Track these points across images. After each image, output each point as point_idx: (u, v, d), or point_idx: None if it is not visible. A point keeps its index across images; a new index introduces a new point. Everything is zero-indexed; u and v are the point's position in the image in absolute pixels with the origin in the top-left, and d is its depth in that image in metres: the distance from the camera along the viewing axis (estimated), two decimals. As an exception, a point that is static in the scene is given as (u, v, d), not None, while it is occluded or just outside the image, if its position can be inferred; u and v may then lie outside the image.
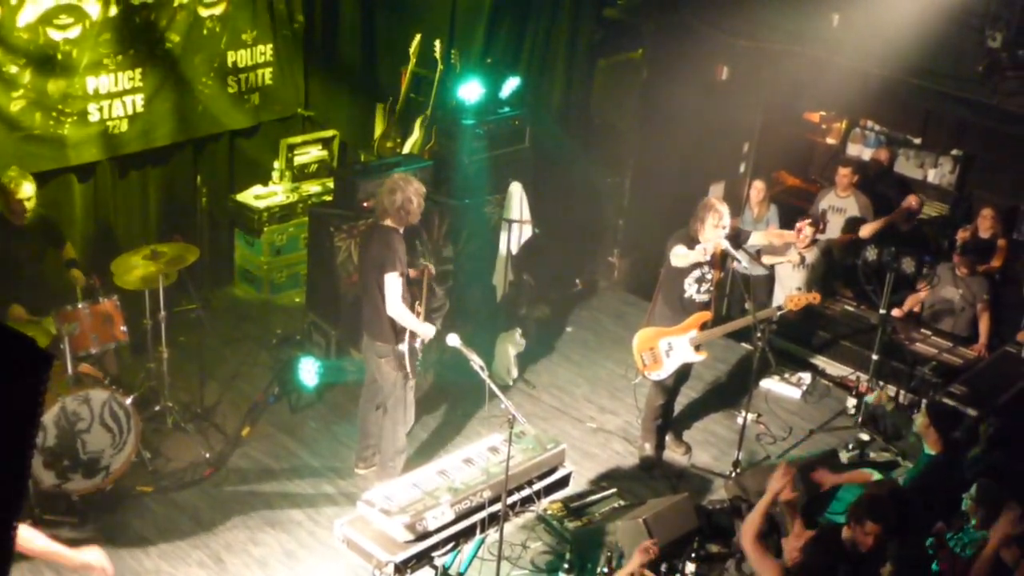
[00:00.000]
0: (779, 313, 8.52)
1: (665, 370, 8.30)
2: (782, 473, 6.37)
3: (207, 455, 8.22)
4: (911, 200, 11.11)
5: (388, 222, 7.50)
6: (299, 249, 10.13)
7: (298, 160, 10.28)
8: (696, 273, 8.19)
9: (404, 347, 7.56)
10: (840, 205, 11.37)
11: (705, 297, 8.30)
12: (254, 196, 10.03)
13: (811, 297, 8.53)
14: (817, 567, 6.04)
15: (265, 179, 10.24)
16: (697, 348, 8.30)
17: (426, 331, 7.70)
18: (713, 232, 8.04)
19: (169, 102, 9.41)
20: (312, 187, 10.28)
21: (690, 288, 8.23)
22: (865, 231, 10.72)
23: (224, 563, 7.28)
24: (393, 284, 7.44)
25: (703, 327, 8.30)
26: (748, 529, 6.20)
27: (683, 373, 8.56)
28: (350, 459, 8.40)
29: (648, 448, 8.73)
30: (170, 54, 9.28)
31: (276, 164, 10.21)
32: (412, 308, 7.64)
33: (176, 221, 9.64)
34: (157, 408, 8.32)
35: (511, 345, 9.45)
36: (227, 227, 10.19)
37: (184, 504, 7.79)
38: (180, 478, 8.02)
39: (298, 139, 10.36)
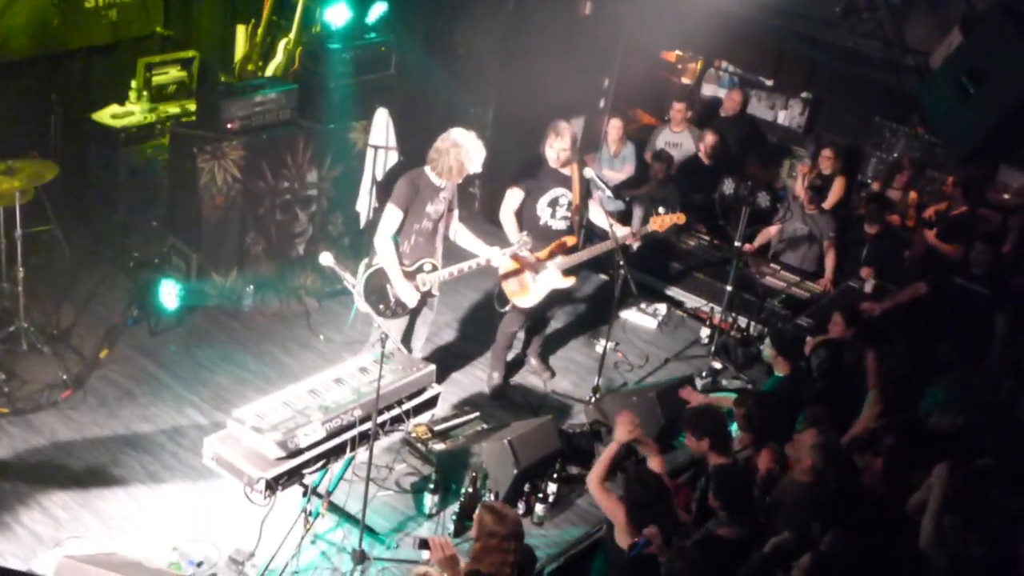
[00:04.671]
0: (645, 231, 8.67)
1: (533, 296, 8.38)
2: (623, 421, 6.64)
3: (64, 377, 8.03)
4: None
5: (428, 167, 7.67)
6: (157, 172, 9.87)
7: (156, 80, 9.99)
8: (547, 197, 8.29)
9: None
10: (676, 140, 11.78)
11: (563, 224, 8.39)
12: (111, 115, 9.73)
13: (676, 217, 8.69)
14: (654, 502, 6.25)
15: (122, 99, 9.94)
16: (564, 274, 8.40)
17: (399, 287, 7.68)
18: (551, 152, 8.20)
19: (23, 15, 9.06)
20: (171, 108, 10.01)
21: (543, 213, 8.31)
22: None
23: (84, 485, 7.16)
24: (390, 215, 7.57)
25: (566, 252, 8.40)
26: (593, 475, 6.52)
27: (551, 299, 8.62)
28: (211, 382, 8.35)
29: (496, 377, 8.85)
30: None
31: (133, 83, 9.92)
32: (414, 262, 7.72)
33: (31, 138, 9.32)
34: (12, 329, 8.10)
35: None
36: (83, 146, 9.86)
37: (41, 426, 7.63)
38: (36, 400, 7.85)
39: (156, 58, 10.07)
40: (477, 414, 8.24)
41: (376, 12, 9.88)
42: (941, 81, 10.35)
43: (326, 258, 6.63)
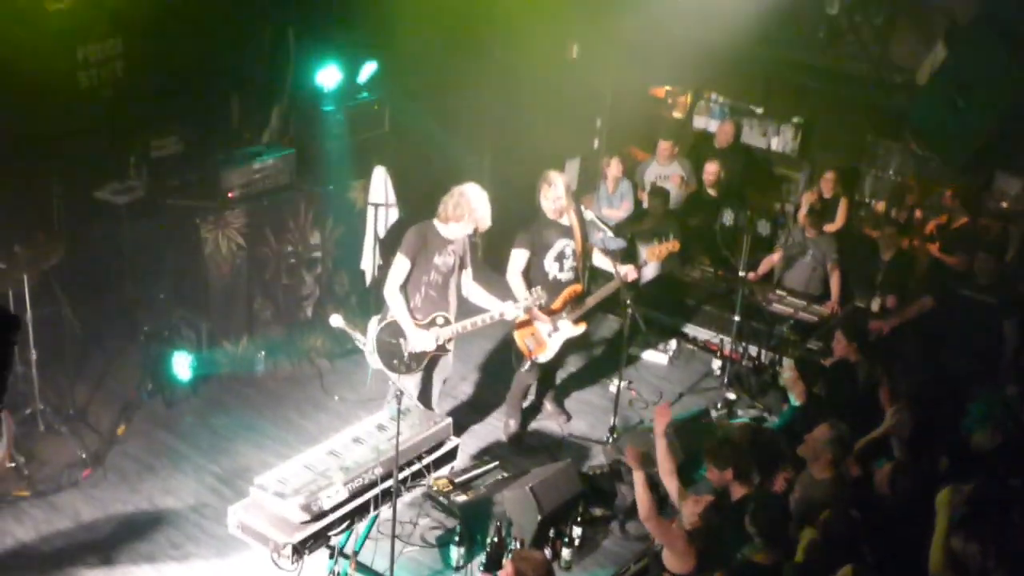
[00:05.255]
0: (644, 263, 8.74)
1: (551, 350, 8.45)
2: (631, 456, 6.71)
3: (83, 455, 8.05)
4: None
5: (436, 219, 7.75)
6: (162, 245, 9.89)
7: (156, 153, 10.05)
8: (554, 252, 8.34)
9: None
10: (666, 173, 11.88)
11: (570, 274, 8.45)
12: (112, 191, 9.78)
13: (671, 245, 8.74)
14: (716, 528, 6.31)
15: (123, 175, 9.97)
16: (576, 322, 8.45)
17: (412, 337, 7.69)
18: (547, 203, 8.25)
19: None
20: (171, 181, 10.04)
21: (551, 268, 8.37)
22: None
23: (111, 562, 7.15)
24: (397, 265, 7.64)
25: (576, 300, 8.46)
26: (642, 507, 6.51)
27: (566, 347, 8.65)
28: (230, 450, 8.37)
29: (513, 424, 8.88)
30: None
31: (132, 159, 9.97)
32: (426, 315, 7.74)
33: (35, 219, 9.35)
34: (28, 411, 8.13)
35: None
36: (86, 224, 9.89)
37: (63, 507, 7.63)
38: (57, 481, 7.85)
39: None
40: (497, 463, 8.28)
41: (367, 71, 9.98)
42: (930, 96, 10.49)
43: (336, 319, 6.69)
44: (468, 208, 7.62)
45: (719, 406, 9.33)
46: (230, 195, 8.95)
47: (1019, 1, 10.05)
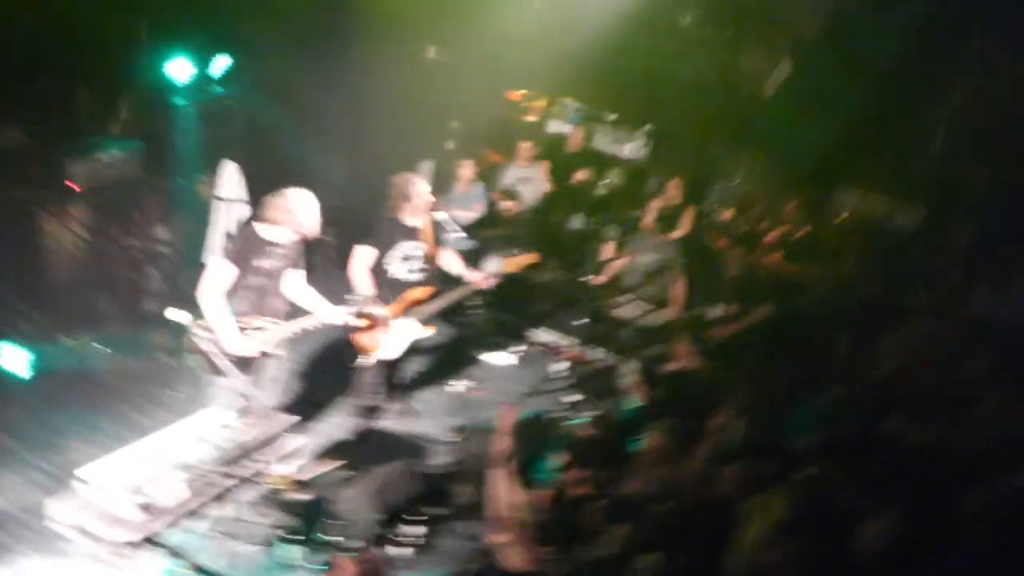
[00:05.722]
0: (499, 273, 8.80)
1: (391, 350, 8.45)
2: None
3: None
4: None
5: (257, 222, 7.52)
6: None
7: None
8: (401, 252, 8.34)
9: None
10: (525, 175, 12.02)
11: (418, 275, 8.46)
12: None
13: (529, 258, 8.85)
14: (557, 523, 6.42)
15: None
16: (424, 324, 8.48)
17: (231, 341, 7.34)
18: (407, 203, 8.25)
19: None
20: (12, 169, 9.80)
21: (398, 269, 8.36)
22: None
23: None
24: (211, 268, 7.38)
25: (423, 302, 8.49)
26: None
27: (411, 349, 8.69)
28: (67, 447, 8.16)
29: (358, 423, 8.88)
30: None
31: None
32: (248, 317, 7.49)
33: None
34: None
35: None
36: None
37: None
38: None
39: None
40: (340, 463, 8.25)
41: (220, 65, 9.87)
42: (775, 108, 10.84)
43: (178, 314, 6.58)
44: (288, 213, 7.43)
45: (564, 407, 9.46)
46: (72, 186, 8.74)
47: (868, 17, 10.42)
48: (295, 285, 7.80)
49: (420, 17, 11.26)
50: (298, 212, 7.43)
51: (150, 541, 6.05)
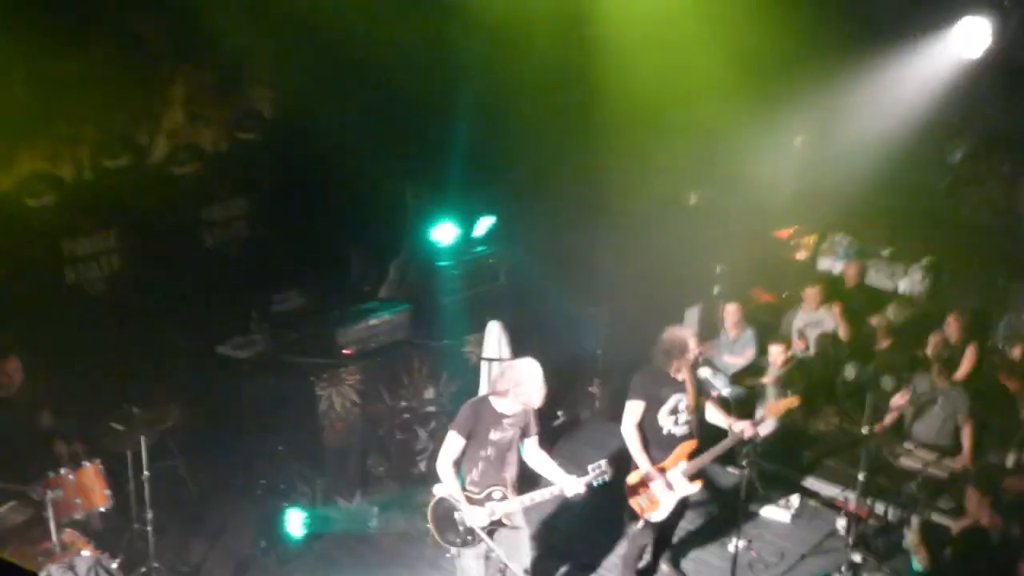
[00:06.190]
0: (761, 422, 8.48)
1: (664, 509, 8.22)
2: None
3: (197, 615, 8.11)
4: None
5: (490, 395, 7.59)
6: (281, 400, 10.01)
7: (276, 308, 10.28)
8: (668, 406, 8.16)
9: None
10: (815, 319, 11.53)
11: (684, 428, 8.24)
12: (233, 347, 10.00)
13: (791, 401, 8.52)
14: None
15: (245, 329, 10.19)
16: (691, 479, 8.24)
17: (466, 513, 7.36)
18: (670, 362, 8.07)
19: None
20: (291, 335, 10.23)
21: (666, 423, 8.19)
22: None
23: None
24: (448, 440, 7.43)
25: (691, 456, 8.26)
26: None
27: (681, 505, 8.44)
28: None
29: None
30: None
31: (253, 313, 10.21)
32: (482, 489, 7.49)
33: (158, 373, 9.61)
34: (143, 570, 8.21)
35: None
36: (208, 379, 10.10)
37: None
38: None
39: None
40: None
41: (483, 226, 10.09)
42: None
43: (440, 488, 6.63)
44: (513, 383, 7.38)
45: (843, 569, 8.95)
46: (346, 352, 9.04)
47: None
48: (530, 450, 7.70)
49: (679, 165, 11.21)
50: (524, 383, 7.38)
51: None
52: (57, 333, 8.93)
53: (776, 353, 11.02)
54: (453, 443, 7.41)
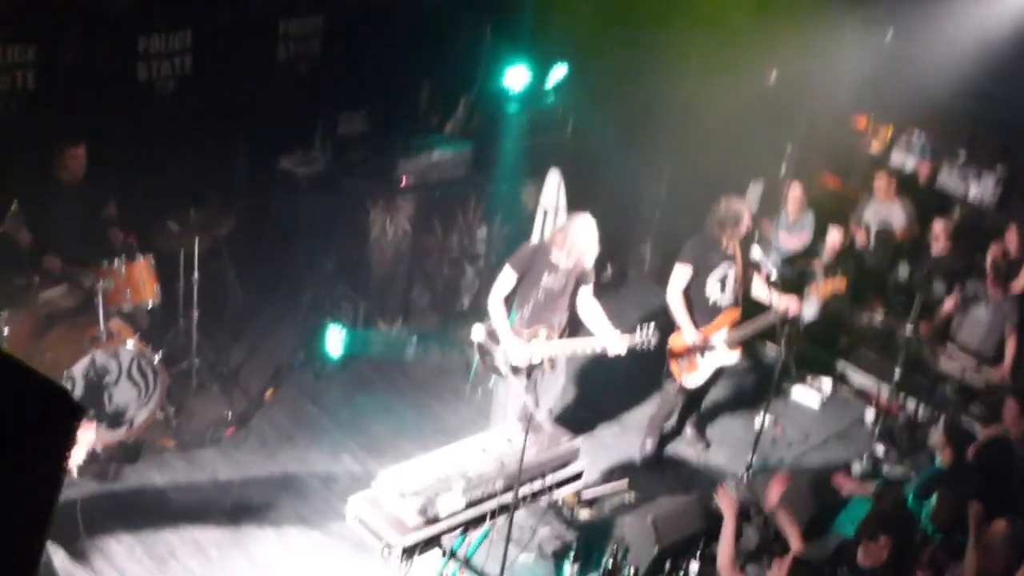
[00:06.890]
0: (806, 300, 8.49)
1: (701, 374, 8.33)
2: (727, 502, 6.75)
3: (229, 415, 8.36)
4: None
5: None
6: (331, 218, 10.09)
7: (342, 129, 10.28)
8: (717, 274, 8.19)
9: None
10: (884, 211, 11.34)
11: (730, 298, 8.30)
12: (294, 163, 10.05)
13: (837, 282, 8.53)
14: None
15: (308, 146, 10.22)
16: (731, 347, 8.30)
17: (508, 347, 7.49)
18: (723, 231, 8.12)
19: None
20: (353, 157, 10.22)
21: (713, 290, 8.23)
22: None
23: (238, 524, 7.42)
24: (503, 274, 7.58)
25: (733, 326, 8.31)
26: (722, 556, 6.52)
27: (716, 373, 8.56)
28: (368, 430, 8.54)
29: (649, 445, 8.78)
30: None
31: (318, 131, 10.22)
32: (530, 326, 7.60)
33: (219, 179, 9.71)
34: (183, 365, 8.47)
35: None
36: (266, 191, 10.18)
37: (204, 462, 7.96)
38: (201, 436, 8.17)
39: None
40: (625, 483, 8.21)
41: (556, 75, 9.98)
42: None
43: (477, 333, 6.74)
44: (566, 240, 7.45)
45: (864, 458, 9.04)
46: (404, 182, 9.08)
47: None
48: (583, 298, 7.77)
49: (764, 39, 10.95)
50: (575, 239, 7.45)
51: (425, 546, 6.20)
52: (125, 127, 9.04)
53: (834, 239, 10.92)
54: (507, 277, 7.55)
